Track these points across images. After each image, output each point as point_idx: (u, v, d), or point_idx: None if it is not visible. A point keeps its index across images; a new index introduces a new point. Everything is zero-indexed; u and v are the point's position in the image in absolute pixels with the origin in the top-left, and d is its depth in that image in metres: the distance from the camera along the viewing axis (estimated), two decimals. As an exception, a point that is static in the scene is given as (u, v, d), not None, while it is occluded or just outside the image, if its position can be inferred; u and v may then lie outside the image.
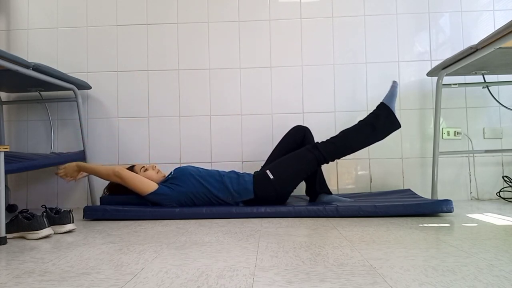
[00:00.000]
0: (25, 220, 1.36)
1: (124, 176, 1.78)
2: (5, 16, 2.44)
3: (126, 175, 1.78)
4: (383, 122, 1.81)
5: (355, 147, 1.84)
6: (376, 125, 1.80)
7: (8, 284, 0.85)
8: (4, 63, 1.57)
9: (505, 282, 0.79)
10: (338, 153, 1.84)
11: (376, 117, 1.82)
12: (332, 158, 1.84)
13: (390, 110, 1.81)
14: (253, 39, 2.36)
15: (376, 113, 1.83)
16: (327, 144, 1.83)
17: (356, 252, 1.06)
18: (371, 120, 1.82)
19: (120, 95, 2.39)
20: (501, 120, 2.29)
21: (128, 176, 1.78)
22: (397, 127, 1.82)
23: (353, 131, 1.83)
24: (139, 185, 1.78)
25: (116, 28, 2.40)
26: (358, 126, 1.83)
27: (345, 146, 1.83)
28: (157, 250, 1.14)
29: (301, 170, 1.83)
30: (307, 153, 1.83)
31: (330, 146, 1.82)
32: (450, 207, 1.63)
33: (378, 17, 2.34)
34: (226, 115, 2.36)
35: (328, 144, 1.83)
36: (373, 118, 1.82)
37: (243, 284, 0.82)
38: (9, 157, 1.73)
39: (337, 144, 1.83)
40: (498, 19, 2.30)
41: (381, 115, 1.81)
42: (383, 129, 1.82)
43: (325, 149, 1.81)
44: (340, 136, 1.85)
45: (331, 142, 1.84)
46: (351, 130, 1.84)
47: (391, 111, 1.80)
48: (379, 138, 1.84)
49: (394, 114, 1.80)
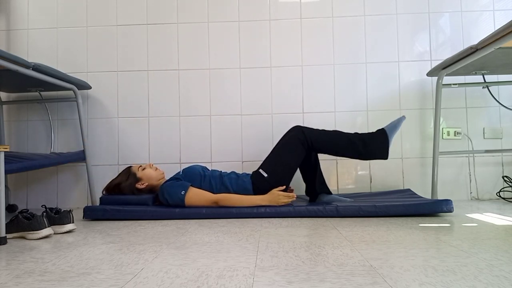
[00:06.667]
0: (25, 220, 1.36)
1: (218, 200, 1.79)
2: (5, 16, 2.44)
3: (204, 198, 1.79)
4: (376, 146, 1.80)
5: (338, 149, 1.83)
6: (368, 145, 1.80)
7: (8, 284, 0.85)
8: (4, 63, 1.57)
9: (505, 282, 0.79)
10: (321, 142, 1.82)
11: (371, 138, 1.82)
12: (314, 145, 1.82)
13: (387, 140, 1.80)
14: (253, 39, 2.36)
15: (374, 135, 1.83)
16: (313, 130, 1.85)
17: (356, 252, 1.06)
18: (366, 138, 1.82)
19: (120, 95, 2.39)
20: (501, 120, 2.29)
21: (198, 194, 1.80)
22: (383, 157, 1.81)
23: (345, 135, 1.84)
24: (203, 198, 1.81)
25: (116, 28, 2.40)
26: (352, 135, 1.84)
27: (331, 142, 1.83)
28: (157, 250, 1.14)
29: (291, 160, 1.83)
30: (293, 141, 1.83)
31: (316, 133, 1.84)
32: (450, 207, 1.63)
33: (378, 17, 2.34)
34: (226, 115, 2.36)
35: (315, 131, 1.85)
36: (368, 137, 1.82)
37: (243, 284, 0.82)
38: (9, 157, 1.73)
39: (324, 135, 1.84)
40: (498, 19, 2.30)
41: (377, 139, 1.81)
42: (372, 152, 1.80)
43: (310, 134, 1.83)
44: (332, 132, 1.86)
45: (319, 131, 1.85)
46: (344, 134, 1.85)
47: (387, 141, 1.80)
48: (362, 156, 1.82)
49: (388, 146, 1.80)
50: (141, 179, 1.93)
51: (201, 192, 1.80)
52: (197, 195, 1.79)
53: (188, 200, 1.77)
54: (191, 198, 1.78)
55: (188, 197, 1.77)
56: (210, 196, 1.79)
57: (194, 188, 1.81)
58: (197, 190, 1.80)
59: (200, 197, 1.78)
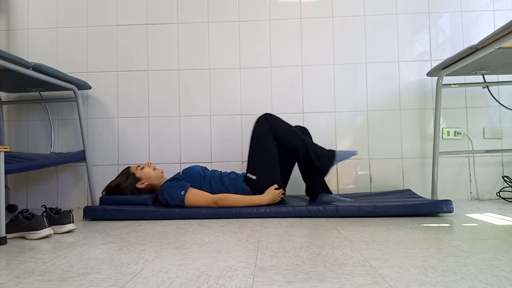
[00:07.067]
0: (25, 220, 1.36)
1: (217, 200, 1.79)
2: (5, 16, 2.44)
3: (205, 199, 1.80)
4: (323, 160, 1.83)
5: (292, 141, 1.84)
6: (319, 156, 1.83)
7: (8, 284, 0.85)
8: (4, 63, 1.57)
9: (505, 282, 0.79)
10: (281, 130, 1.85)
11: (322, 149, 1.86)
12: (274, 129, 1.84)
13: (333, 160, 1.82)
14: (253, 39, 2.36)
15: (324, 150, 1.86)
16: (278, 120, 1.88)
17: (356, 252, 1.06)
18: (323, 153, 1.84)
19: (120, 95, 2.39)
20: (501, 120, 2.29)
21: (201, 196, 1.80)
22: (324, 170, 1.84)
23: (302, 137, 1.86)
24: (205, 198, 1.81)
25: (116, 28, 2.40)
26: (308, 140, 1.88)
27: (292, 132, 1.86)
28: (157, 250, 1.14)
29: (266, 155, 1.85)
30: (259, 133, 1.86)
31: (280, 123, 1.87)
32: (450, 208, 1.63)
33: (378, 17, 2.34)
34: (226, 115, 2.36)
35: (280, 122, 1.88)
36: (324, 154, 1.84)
37: (243, 284, 0.81)
38: (9, 157, 1.73)
39: (285, 125, 1.88)
40: (498, 19, 2.30)
41: (326, 154, 1.84)
42: (317, 160, 1.82)
43: (274, 123, 1.85)
44: (297, 128, 1.92)
45: (284, 122, 1.89)
46: (303, 136, 1.88)
47: (332, 162, 1.82)
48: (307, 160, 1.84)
49: (332, 164, 1.82)
50: (141, 179, 1.93)
51: (200, 192, 1.80)
52: (197, 195, 1.79)
53: (188, 200, 1.77)
54: (190, 199, 1.78)
55: (187, 197, 1.77)
56: (209, 197, 1.79)
57: (194, 189, 1.81)
58: (196, 191, 1.81)
59: (199, 198, 1.78)
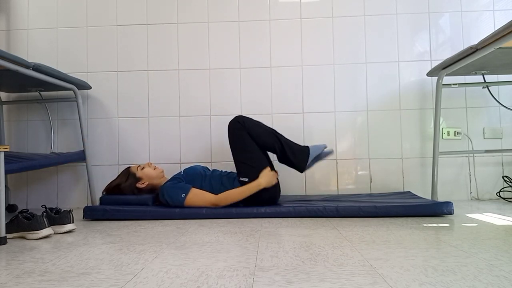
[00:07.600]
0: (25, 220, 1.36)
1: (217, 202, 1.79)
2: (5, 16, 2.44)
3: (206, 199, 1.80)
4: (298, 156, 1.85)
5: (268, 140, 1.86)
6: (294, 153, 1.85)
7: (8, 284, 0.85)
8: (4, 63, 1.57)
9: (505, 282, 0.79)
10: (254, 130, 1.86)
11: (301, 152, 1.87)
12: (248, 130, 1.85)
13: (308, 156, 1.85)
14: (253, 39, 2.36)
15: (299, 146, 1.88)
16: (251, 120, 1.89)
17: (356, 252, 1.06)
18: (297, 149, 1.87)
19: (120, 95, 2.39)
20: (501, 120, 2.29)
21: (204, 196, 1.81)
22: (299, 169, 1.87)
23: (276, 134, 1.88)
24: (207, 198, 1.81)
25: (116, 28, 2.40)
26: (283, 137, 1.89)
27: (265, 130, 1.88)
28: (157, 250, 1.14)
29: (252, 153, 1.85)
30: (236, 137, 1.87)
31: (253, 123, 1.88)
32: (451, 209, 1.63)
33: (378, 17, 2.34)
34: (226, 115, 2.35)
35: (253, 121, 1.89)
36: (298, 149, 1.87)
37: (243, 284, 0.82)
38: (9, 157, 1.73)
39: (258, 125, 1.89)
40: (498, 19, 2.30)
41: (301, 153, 1.86)
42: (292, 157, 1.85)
43: (248, 122, 1.86)
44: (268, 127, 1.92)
45: (256, 122, 1.90)
46: (276, 133, 1.89)
47: (307, 158, 1.85)
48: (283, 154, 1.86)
49: (305, 164, 1.85)
50: (141, 179, 1.93)
51: (201, 193, 1.80)
52: (198, 196, 1.79)
53: (188, 202, 1.77)
54: (191, 200, 1.78)
55: (188, 198, 1.77)
56: (210, 198, 1.79)
57: (195, 189, 1.81)
58: (197, 191, 1.80)
59: (200, 199, 1.79)
